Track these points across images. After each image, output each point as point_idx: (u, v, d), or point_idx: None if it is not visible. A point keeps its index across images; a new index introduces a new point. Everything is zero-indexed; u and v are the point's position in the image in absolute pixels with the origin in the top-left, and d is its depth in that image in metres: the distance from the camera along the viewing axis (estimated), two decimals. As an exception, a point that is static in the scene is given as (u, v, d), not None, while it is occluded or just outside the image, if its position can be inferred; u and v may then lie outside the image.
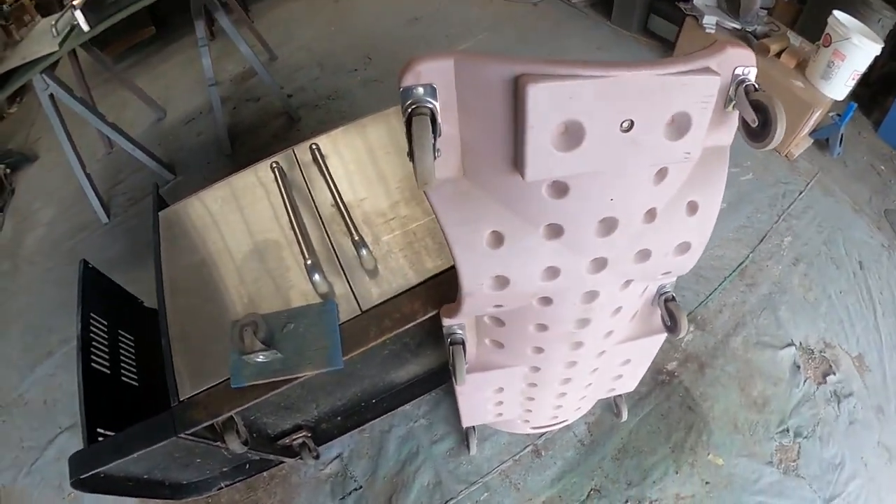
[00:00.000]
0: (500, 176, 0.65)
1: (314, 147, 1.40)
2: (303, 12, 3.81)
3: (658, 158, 0.69)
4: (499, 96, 0.59)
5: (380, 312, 1.12)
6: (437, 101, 0.60)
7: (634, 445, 1.76)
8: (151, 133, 3.13)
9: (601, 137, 0.60)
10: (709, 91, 0.65)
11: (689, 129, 0.67)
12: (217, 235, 1.34)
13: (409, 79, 0.59)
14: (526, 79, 0.54)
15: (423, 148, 0.54)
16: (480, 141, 0.63)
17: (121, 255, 2.51)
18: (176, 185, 2.80)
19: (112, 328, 1.43)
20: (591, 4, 3.62)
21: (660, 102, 0.62)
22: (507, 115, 0.59)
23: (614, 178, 0.68)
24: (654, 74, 0.59)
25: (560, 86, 0.54)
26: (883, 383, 1.96)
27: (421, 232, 1.26)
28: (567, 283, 0.84)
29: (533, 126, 0.56)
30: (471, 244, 0.71)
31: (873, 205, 2.58)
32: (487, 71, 0.58)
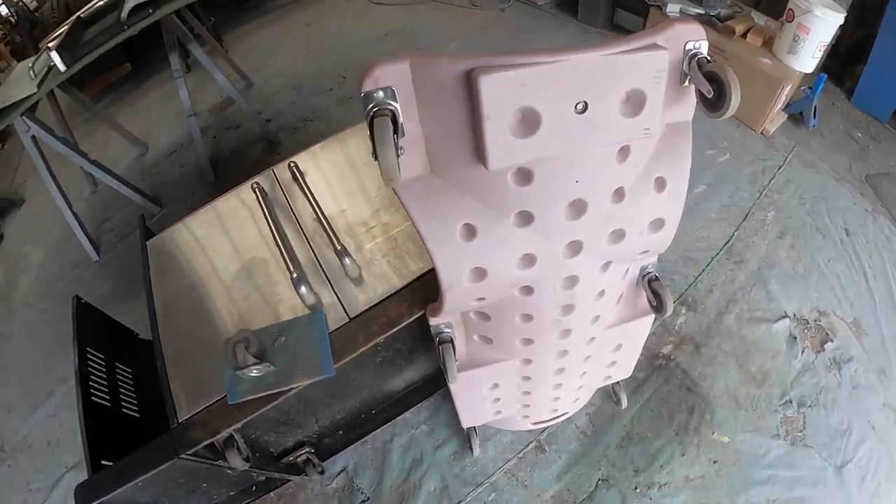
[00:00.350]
0: (466, 168, 0.67)
1: (293, 165, 1.43)
2: (275, 38, 3.86)
3: (617, 137, 0.71)
4: (455, 92, 0.62)
5: (367, 318, 1.14)
6: (398, 102, 0.62)
7: (638, 432, 1.76)
8: (135, 168, 3.16)
9: (557, 121, 0.62)
10: (658, 66, 0.67)
11: (644, 106, 0.69)
12: (204, 259, 1.36)
13: (369, 83, 0.62)
14: (477, 71, 0.57)
15: (385, 145, 0.57)
16: (443, 136, 0.65)
17: (113, 291, 2.52)
18: (162, 217, 2.82)
19: (109, 361, 1.44)
20: (556, 5, 3.69)
21: (610, 81, 0.64)
22: (464, 108, 0.62)
23: (576, 159, 0.70)
24: (601, 55, 0.61)
25: (510, 74, 0.56)
26: (882, 345, 1.96)
27: (402, 237, 1.28)
28: (545, 270, 0.85)
29: (489, 116, 0.58)
30: (444, 238, 0.72)
31: (854, 172, 2.61)
32: (441, 69, 0.61)
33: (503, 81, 0.57)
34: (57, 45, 2.11)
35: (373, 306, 1.16)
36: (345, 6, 4.04)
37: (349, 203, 1.38)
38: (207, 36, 3.15)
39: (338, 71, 3.40)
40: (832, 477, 1.65)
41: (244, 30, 4.01)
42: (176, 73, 2.65)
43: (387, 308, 1.13)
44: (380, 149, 0.57)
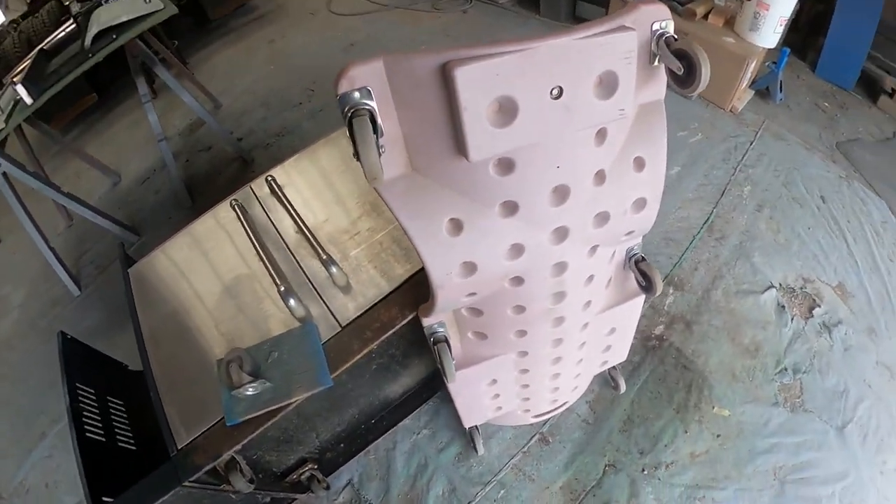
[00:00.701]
0: (447, 163, 0.67)
1: (270, 179, 1.41)
2: (240, 57, 3.83)
3: (594, 119, 0.71)
4: (430, 87, 0.62)
5: (359, 325, 1.13)
6: (374, 101, 0.62)
7: (639, 414, 1.77)
8: (109, 198, 3.10)
9: (534, 108, 0.62)
10: (628, 47, 0.68)
11: (617, 87, 0.70)
12: (188, 282, 1.34)
13: (344, 85, 0.61)
14: (452, 64, 0.57)
15: (366, 144, 0.57)
16: (422, 133, 0.65)
17: (98, 324, 2.47)
18: (141, 246, 2.76)
19: (100, 396, 1.41)
20: (518, 2, 3.73)
21: (583, 65, 0.65)
22: (441, 103, 0.62)
23: (555, 145, 0.70)
24: (571, 40, 0.61)
25: (484, 65, 0.57)
26: (868, 305, 2.01)
27: (386, 241, 1.27)
28: (534, 259, 0.85)
29: (466, 108, 0.58)
30: (431, 235, 0.72)
31: (824, 140, 2.67)
32: (415, 65, 0.61)
33: (478, 72, 0.57)
34: (22, 78, 2.08)
35: (364, 313, 1.15)
36: (307, 20, 4.03)
37: (330, 212, 1.37)
38: (172, 59, 3.11)
39: (306, 84, 3.38)
40: (835, 438, 1.68)
41: (208, 51, 3.97)
42: (144, 97, 2.61)
43: (378, 313, 1.12)
44: (361, 148, 0.57)
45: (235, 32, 4.09)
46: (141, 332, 1.26)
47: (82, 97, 3.67)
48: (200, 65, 3.84)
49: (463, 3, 3.80)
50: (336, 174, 1.46)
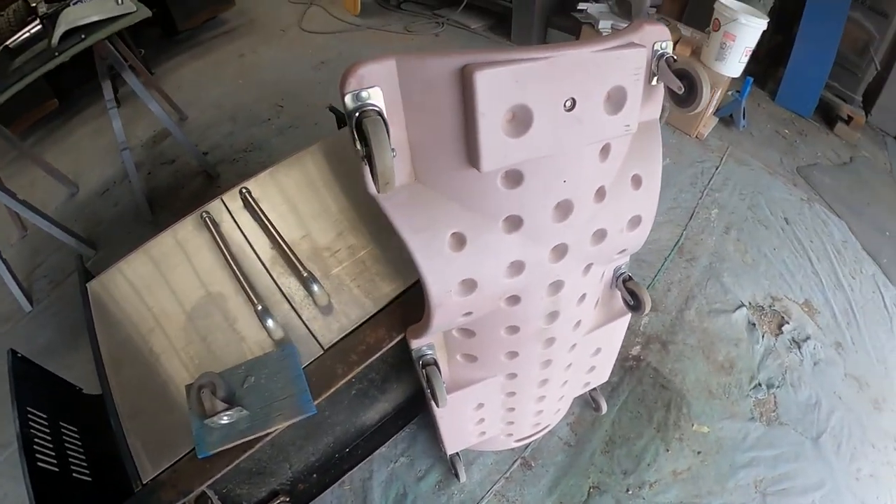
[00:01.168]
0: (454, 173, 0.64)
1: (244, 191, 1.34)
2: (208, 70, 3.72)
3: (602, 134, 0.69)
4: (445, 91, 0.59)
5: (343, 348, 1.05)
6: (383, 102, 0.59)
7: (620, 434, 1.75)
8: (67, 209, 2.91)
9: (548, 119, 0.60)
10: (638, 63, 0.67)
11: (625, 102, 0.68)
12: (153, 299, 1.23)
13: (353, 83, 0.57)
14: (472, 67, 0.54)
15: (381, 146, 0.53)
16: (431, 140, 0.62)
17: (51, 343, 2.29)
18: (98, 261, 2.60)
19: (53, 421, 1.28)
20: (489, 27, 3.79)
21: (598, 78, 0.63)
22: (455, 108, 0.59)
23: (564, 159, 0.67)
24: (590, 52, 0.59)
25: (506, 70, 0.54)
26: (834, 320, 2.10)
27: (370, 259, 1.21)
28: (532, 277, 0.82)
29: (484, 113, 0.55)
30: (433, 249, 0.68)
31: (785, 165, 2.80)
32: (431, 67, 0.58)
33: (498, 77, 0.54)
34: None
35: (348, 334, 1.08)
36: (277, 36, 3.97)
37: (308, 229, 1.30)
38: (140, 67, 2.99)
39: (275, 101, 3.31)
40: (810, 449, 1.72)
41: (175, 63, 3.83)
42: (109, 103, 2.48)
43: (364, 335, 1.06)
44: (377, 150, 0.52)
45: (204, 45, 3.98)
46: (100, 353, 1.15)
47: (44, 102, 3.46)
48: (167, 76, 3.70)
49: (435, 27, 3.83)
50: (312, 189, 1.39)
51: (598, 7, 2.87)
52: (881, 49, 3.03)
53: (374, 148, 0.53)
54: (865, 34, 3.02)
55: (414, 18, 3.99)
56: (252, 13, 4.29)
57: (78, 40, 2.12)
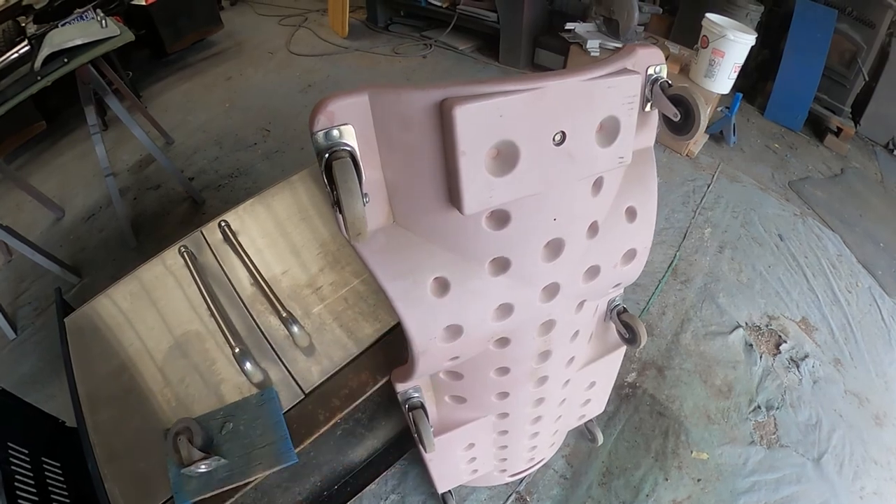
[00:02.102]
0: (435, 215, 0.59)
1: (223, 224, 1.29)
2: (195, 93, 3.70)
3: (594, 168, 0.65)
4: (423, 127, 0.54)
5: (325, 392, 1.00)
6: (355, 141, 0.54)
7: (617, 465, 1.69)
8: (52, 234, 2.85)
9: (536, 155, 0.56)
10: (632, 91, 0.63)
11: (618, 133, 0.64)
12: (132, 336, 1.18)
13: (322, 121, 0.52)
14: (451, 102, 0.49)
15: (350, 193, 0.48)
16: (408, 180, 0.57)
17: (35, 372, 2.20)
18: (82, 288, 2.53)
19: (35, 457, 1.21)
20: (477, 49, 3.80)
21: (588, 109, 0.59)
22: (434, 145, 0.54)
23: (553, 196, 0.63)
24: (580, 81, 0.55)
25: (488, 104, 0.49)
26: (832, 337, 2.08)
27: (352, 297, 1.16)
28: (522, 319, 0.77)
29: (465, 152, 0.50)
30: (414, 297, 0.63)
31: (777, 180, 2.79)
32: (407, 101, 0.53)
33: (480, 112, 0.50)
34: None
35: (330, 377, 1.02)
36: (265, 59, 3.96)
37: (288, 264, 1.25)
38: (126, 91, 2.95)
39: (261, 125, 3.28)
40: (812, 470, 1.68)
41: (162, 85, 3.81)
42: (93, 128, 2.42)
43: (346, 378, 1.00)
44: (345, 197, 0.47)
45: (192, 67, 3.96)
46: (77, 392, 1.09)
47: (30, 124, 3.41)
48: (154, 98, 3.68)
49: (423, 49, 3.83)
50: (294, 222, 1.34)
51: (585, 27, 2.87)
52: (868, 59, 3.05)
53: (343, 195, 0.48)
54: (853, 45, 3.04)
55: (401, 40, 4.00)
56: (240, 35, 4.29)
57: (60, 64, 2.09)
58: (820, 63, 3.01)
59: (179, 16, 3.69)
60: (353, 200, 0.47)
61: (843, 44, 3.06)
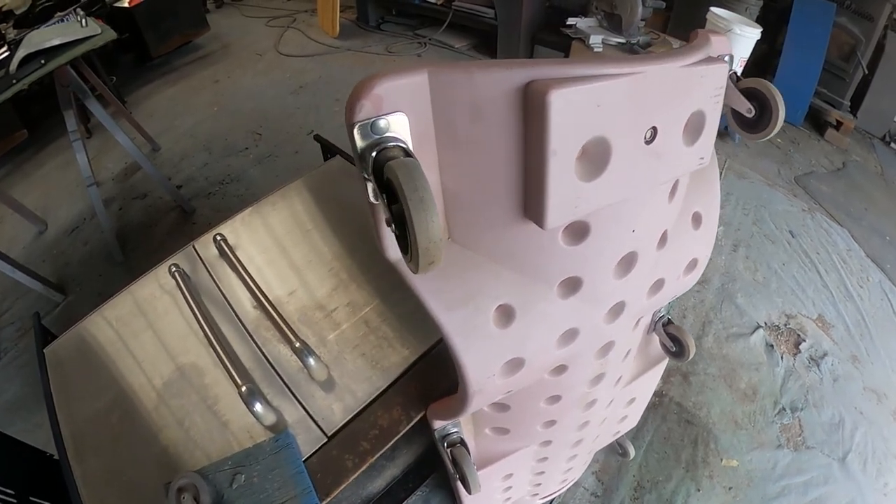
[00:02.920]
0: (503, 230, 0.48)
1: (219, 238, 1.15)
2: (181, 97, 3.54)
3: (678, 169, 0.55)
4: (499, 117, 0.41)
5: (352, 433, 0.86)
6: (409, 136, 0.40)
7: (648, 478, 1.63)
8: (34, 249, 2.68)
9: (627, 155, 0.45)
10: (720, 82, 0.53)
11: (703, 130, 0.54)
12: (121, 369, 1.03)
13: (367, 108, 0.39)
14: (542, 85, 0.37)
15: (424, 207, 0.33)
16: (473, 186, 0.44)
17: (19, 397, 2.04)
18: (67, 307, 2.38)
19: (21, 497, 1.08)
20: (473, 47, 3.69)
21: (681, 101, 0.49)
22: (511, 141, 0.42)
23: (637, 203, 0.53)
24: (678, 67, 0.45)
25: (588, 89, 0.37)
26: (848, 334, 2.05)
27: (373, 319, 1.01)
28: (584, 343, 0.67)
29: (556, 150, 0.39)
30: (474, 329, 0.52)
31: (783, 176, 2.75)
32: (481, 83, 0.40)
33: (580, 99, 0.38)
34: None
35: (355, 416, 0.88)
36: (253, 60, 3.82)
37: (296, 282, 1.10)
38: (110, 96, 2.80)
39: (252, 128, 3.14)
40: (838, 470, 1.66)
41: (148, 89, 3.65)
42: (73, 134, 2.27)
43: (375, 416, 0.86)
44: (417, 215, 0.33)
45: (178, 71, 3.80)
46: (61, 433, 0.96)
47: (11, 133, 3.24)
48: (139, 103, 3.52)
49: (417, 48, 3.72)
50: (299, 233, 1.21)
51: (587, 21, 2.79)
52: (867, 53, 3.02)
53: (414, 211, 0.33)
54: (852, 39, 3.02)
55: (395, 39, 3.89)
56: (227, 37, 4.15)
57: (38, 66, 1.95)
58: (820, 57, 2.99)
59: (164, 18, 3.54)
60: (429, 218, 0.33)
61: (841, 37, 3.04)
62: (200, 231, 1.24)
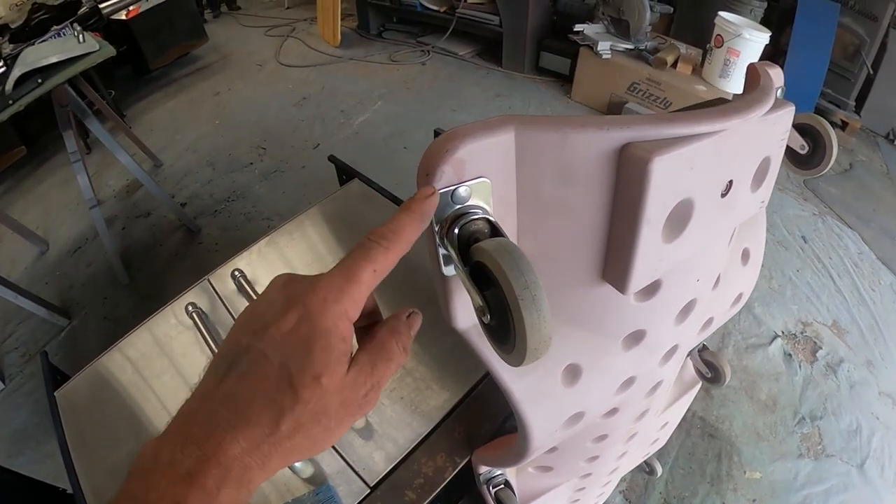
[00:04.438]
0: (577, 292, 0.45)
1: (237, 273, 1.12)
2: (182, 111, 3.51)
3: (742, 216, 0.53)
4: (590, 181, 0.38)
5: (395, 483, 0.82)
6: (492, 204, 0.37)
7: (675, 495, 1.64)
8: (36, 271, 2.63)
9: (706, 212, 0.43)
10: (787, 125, 0.51)
11: (767, 174, 0.52)
12: (138, 415, 0.99)
13: (447, 174, 0.34)
14: (642, 149, 0.34)
15: (538, 306, 0.29)
16: (551, 250, 0.42)
17: (28, 426, 2.00)
18: (72, 331, 2.33)
19: None
20: (477, 54, 3.67)
21: (755, 150, 0.47)
22: (599, 206, 0.39)
23: (702, 254, 0.51)
24: (758, 118, 0.43)
25: (686, 152, 0.35)
26: (863, 339, 2.06)
27: (410, 360, 0.97)
28: (638, 388, 0.65)
29: (650, 219, 0.37)
30: (543, 392, 0.49)
31: (792, 179, 2.75)
32: (574, 143, 0.36)
33: (676, 164, 0.35)
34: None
35: (398, 465, 0.84)
36: (254, 71, 3.79)
37: None
38: (108, 111, 2.77)
39: (256, 142, 3.10)
40: (857, 477, 1.68)
41: (147, 103, 3.61)
42: (73, 155, 2.22)
43: (418, 464, 0.82)
44: (530, 316, 0.29)
45: (178, 84, 3.77)
46: (80, 486, 0.92)
47: (9, 150, 3.19)
48: (139, 117, 3.48)
49: (420, 55, 3.70)
50: (319, 265, 1.17)
51: (594, 28, 2.77)
52: (871, 52, 3.03)
53: (526, 311, 0.29)
54: (856, 39, 3.03)
55: (397, 47, 3.87)
56: (226, 48, 4.12)
57: (34, 85, 1.91)
58: (825, 58, 2.98)
59: (162, 30, 3.51)
60: (542, 319, 0.29)
61: (846, 37, 3.04)
62: (207, 252, 1.21)
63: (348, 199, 1.32)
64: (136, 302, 2.34)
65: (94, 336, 2.24)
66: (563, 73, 3.18)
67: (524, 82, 3.38)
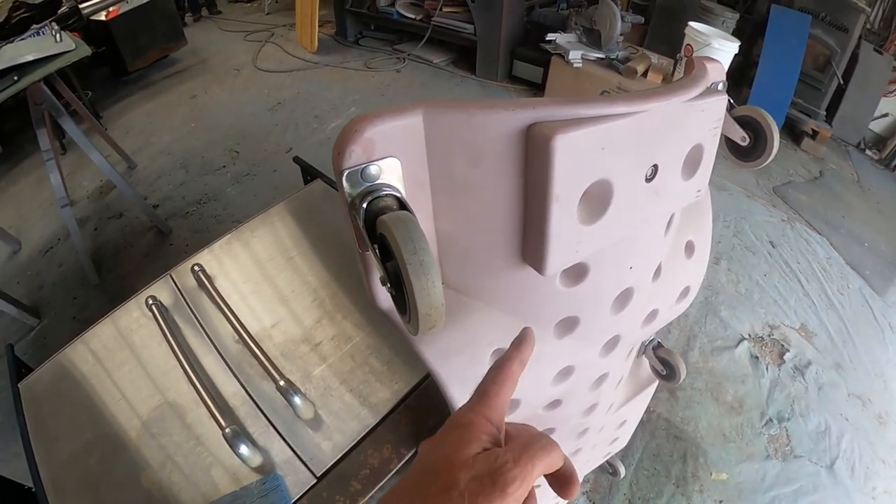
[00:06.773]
0: (499, 275, 0.46)
1: (196, 268, 1.11)
2: (158, 113, 3.47)
3: (676, 204, 0.54)
4: (500, 161, 0.39)
5: (342, 473, 0.82)
6: (402, 182, 0.37)
7: (640, 496, 1.62)
8: (8, 269, 2.58)
9: (628, 195, 0.44)
10: (720, 114, 0.52)
11: (700, 163, 0.53)
12: (99, 408, 0.98)
13: (356, 153, 0.35)
14: (546, 128, 0.35)
15: (425, 270, 0.30)
16: (469, 232, 0.42)
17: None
18: (42, 331, 2.29)
19: None
20: (452, 62, 3.70)
21: (682, 136, 0.47)
22: (510, 186, 0.40)
23: (634, 240, 0.51)
24: (682, 102, 0.43)
25: (593, 132, 0.36)
26: (831, 342, 2.09)
27: (361, 352, 0.98)
28: (579, 379, 0.65)
29: (559, 196, 0.37)
30: (470, 376, 0.50)
31: (761, 187, 2.79)
32: (481, 124, 0.37)
33: (583, 142, 0.36)
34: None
35: (345, 455, 0.83)
36: (231, 76, 3.77)
37: (278, 314, 1.06)
38: (84, 111, 2.72)
39: (230, 146, 3.08)
40: (826, 478, 1.68)
41: (124, 104, 3.56)
42: (46, 154, 2.19)
43: (365, 455, 0.83)
44: (417, 278, 0.30)
45: (155, 86, 3.73)
46: (40, 476, 0.90)
47: None
48: (115, 119, 3.43)
49: (396, 63, 3.71)
50: (282, 261, 1.17)
51: (566, 37, 2.81)
52: (842, 63, 3.10)
53: (413, 273, 0.30)
54: (827, 50, 3.10)
55: (373, 54, 3.88)
56: (205, 52, 4.10)
57: (10, 82, 1.88)
58: (796, 68, 3.05)
59: (141, 32, 3.48)
60: (430, 283, 0.30)
61: (817, 48, 3.11)
62: (177, 253, 1.20)
63: (311, 198, 1.32)
64: (105, 302, 2.30)
65: (64, 336, 2.19)
66: (536, 81, 3.22)
67: (497, 90, 3.42)
